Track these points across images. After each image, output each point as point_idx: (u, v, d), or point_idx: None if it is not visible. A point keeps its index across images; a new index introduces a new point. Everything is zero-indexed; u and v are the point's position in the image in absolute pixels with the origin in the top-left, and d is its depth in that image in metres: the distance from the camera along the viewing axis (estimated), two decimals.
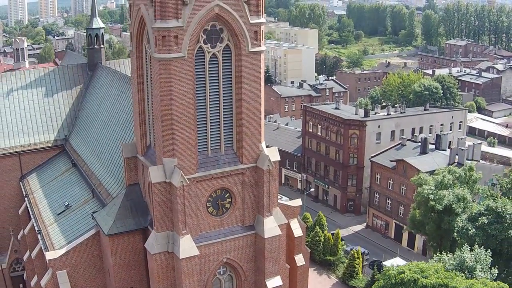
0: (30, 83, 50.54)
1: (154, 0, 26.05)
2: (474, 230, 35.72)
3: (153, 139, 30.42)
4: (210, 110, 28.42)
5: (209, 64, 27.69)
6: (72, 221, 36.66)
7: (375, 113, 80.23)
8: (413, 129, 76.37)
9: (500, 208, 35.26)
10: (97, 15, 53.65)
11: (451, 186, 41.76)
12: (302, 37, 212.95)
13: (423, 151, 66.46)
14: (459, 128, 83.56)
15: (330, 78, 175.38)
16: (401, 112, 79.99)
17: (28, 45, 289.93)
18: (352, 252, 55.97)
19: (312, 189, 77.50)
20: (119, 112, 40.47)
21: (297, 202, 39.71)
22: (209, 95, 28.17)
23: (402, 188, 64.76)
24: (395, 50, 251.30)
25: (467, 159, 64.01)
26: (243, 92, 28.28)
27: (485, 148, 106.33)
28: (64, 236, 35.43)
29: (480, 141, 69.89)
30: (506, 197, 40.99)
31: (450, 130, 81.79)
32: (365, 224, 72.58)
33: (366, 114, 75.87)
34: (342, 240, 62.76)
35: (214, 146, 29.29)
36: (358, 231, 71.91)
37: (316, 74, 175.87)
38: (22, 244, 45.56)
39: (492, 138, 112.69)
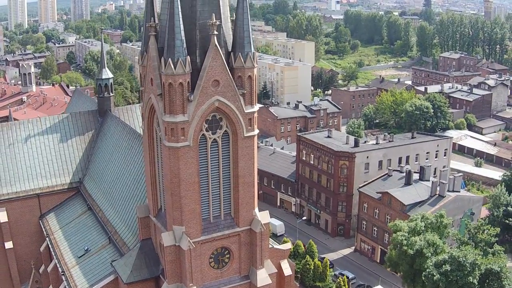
0: (46, 130, 55.52)
1: (164, 97, 31.38)
2: (438, 276, 41.12)
3: (163, 203, 35.75)
4: (211, 185, 33.79)
5: (210, 148, 33.06)
6: (92, 265, 42.06)
7: (365, 142, 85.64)
8: (400, 159, 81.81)
9: (461, 258, 40.65)
10: (105, 65, 58.67)
11: (423, 232, 47.22)
12: (299, 49, 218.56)
13: (407, 182, 71.81)
14: (445, 155, 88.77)
15: (326, 93, 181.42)
16: (389, 141, 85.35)
17: (29, 53, 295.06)
18: (339, 280, 61.32)
19: (305, 217, 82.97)
20: (130, 166, 45.78)
21: (287, 245, 45.45)
22: (211, 173, 33.53)
23: (387, 217, 70.10)
24: (390, 61, 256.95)
25: (448, 191, 69.62)
26: (239, 169, 33.65)
27: (471, 168, 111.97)
28: (86, 279, 40.80)
29: (460, 174, 75.00)
30: (473, 241, 46.35)
31: (436, 157, 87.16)
32: (354, 248, 78.03)
33: (356, 144, 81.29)
34: (330, 267, 68.25)
35: (215, 213, 34.68)
36: (347, 255, 77.34)
37: (312, 88, 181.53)
38: (44, 277, 50.94)
39: (479, 159, 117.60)
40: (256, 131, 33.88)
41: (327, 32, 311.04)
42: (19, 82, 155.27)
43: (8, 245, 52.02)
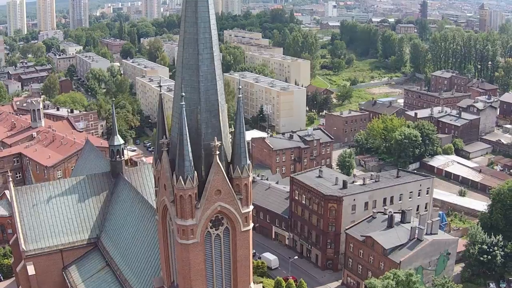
0: (65, 191, 62.57)
1: (176, 204, 38.71)
2: None
3: (176, 278, 43.10)
4: (215, 268, 41.19)
5: (214, 240, 40.51)
6: None
7: (353, 182, 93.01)
8: (385, 199, 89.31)
9: None
10: (117, 133, 65.68)
11: None
12: (295, 68, 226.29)
13: (389, 225, 79.39)
14: (427, 193, 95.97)
15: (320, 114, 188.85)
16: (375, 181, 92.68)
17: (31, 65, 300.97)
18: None
19: (296, 257, 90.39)
20: (143, 234, 53.11)
21: None
22: (215, 259, 40.92)
23: (370, 258, 77.70)
24: (384, 77, 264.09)
25: (426, 234, 77.10)
26: (237, 256, 41.11)
27: (455, 199, 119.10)
28: None
29: (438, 218, 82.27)
30: None
31: (419, 196, 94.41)
32: (341, 281, 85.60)
33: (344, 185, 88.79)
34: None
35: None
36: None
37: (307, 108, 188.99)
38: None
39: (463, 188, 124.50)
40: (251, 225, 41.33)
41: (323, 44, 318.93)
42: (24, 105, 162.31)
43: None
